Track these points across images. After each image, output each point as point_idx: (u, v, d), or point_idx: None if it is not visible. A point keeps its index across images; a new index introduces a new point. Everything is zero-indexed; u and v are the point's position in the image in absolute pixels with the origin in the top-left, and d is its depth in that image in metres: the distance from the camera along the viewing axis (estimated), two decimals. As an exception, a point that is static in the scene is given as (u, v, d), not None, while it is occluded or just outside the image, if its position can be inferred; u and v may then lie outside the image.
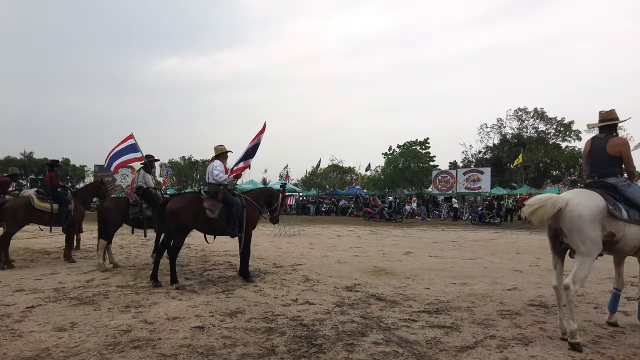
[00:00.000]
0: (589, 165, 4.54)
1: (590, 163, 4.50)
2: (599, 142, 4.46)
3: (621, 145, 4.33)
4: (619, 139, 4.38)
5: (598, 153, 4.41)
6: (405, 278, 7.24)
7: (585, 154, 4.61)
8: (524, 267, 8.53)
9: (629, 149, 4.38)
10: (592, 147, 4.53)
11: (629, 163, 4.35)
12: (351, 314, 4.90)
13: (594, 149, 4.48)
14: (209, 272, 7.66)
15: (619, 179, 4.32)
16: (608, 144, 4.36)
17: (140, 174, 8.09)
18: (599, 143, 4.46)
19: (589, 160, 4.53)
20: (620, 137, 4.44)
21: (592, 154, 4.49)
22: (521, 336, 4.20)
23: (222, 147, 6.95)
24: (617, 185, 4.27)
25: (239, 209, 6.49)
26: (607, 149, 4.35)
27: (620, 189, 4.25)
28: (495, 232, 17.85)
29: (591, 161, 4.49)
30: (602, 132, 4.54)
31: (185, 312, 4.94)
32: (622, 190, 4.24)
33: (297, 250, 10.81)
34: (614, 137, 4.40)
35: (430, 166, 42.95)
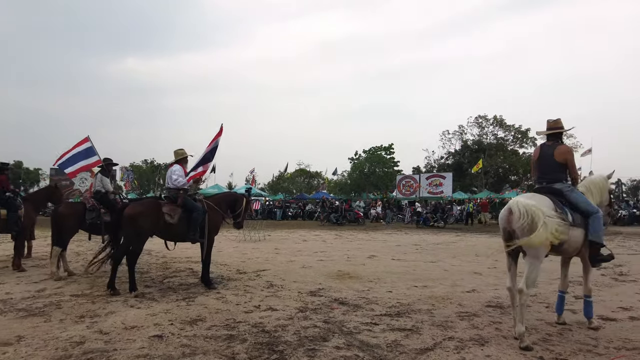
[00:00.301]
0: (538, 171, 4.77)
1: (539, 169, 4.73)
2: (547, 149, 4.70)
3: (566, 153, 4.60)
4: (565, 147, 4.64)
5: (546, 160, 4.65)
6: (369, 281, 7.33)
7: (534, 160, 4.84)
8: (482, 269, 8.82)
9: (573, 157, 4.67)
10: (540, 154, 4.77)
11: (573, 170, 4.62)
12: (314, 319, 4.90)
13: (542, 156, 4.71)
14: (169, 279, 7.46)
15: (564, 185, 4.58)
16: (555, 152, 4.61)
17: (98, 178, 7.79)
18: (547, 150, 4.70)
19: (537, 166, 4.76)
20: (566, 146, 4.70)
21: (540, 160, 4.72)
22: (478, 337, 4.33)
23: (182, 151, 6.82)
24: (563, 190, 4.53)
25: (200, 214, 6.37)
26: (555, 156, 4.60)
27: (566, 194, 4.51)
28: (456, 235, 18.37)
29: (540, 167, 4.72)
30: (550, 140, 4.79)
31: (144, 321, 4.79)
32: (567, 195, 4.50)
33: (262, 255, 10.72)
34: (561, 145, 4.66)
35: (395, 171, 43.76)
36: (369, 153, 44.12)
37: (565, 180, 4.62)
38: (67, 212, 7.39)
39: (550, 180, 4.61)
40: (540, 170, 4.72)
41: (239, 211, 7.08)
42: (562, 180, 4.59)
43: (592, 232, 4.47)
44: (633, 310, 5.48)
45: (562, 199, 4.45)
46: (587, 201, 4.56)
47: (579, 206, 4.45)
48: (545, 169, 4.66)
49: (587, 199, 4.64)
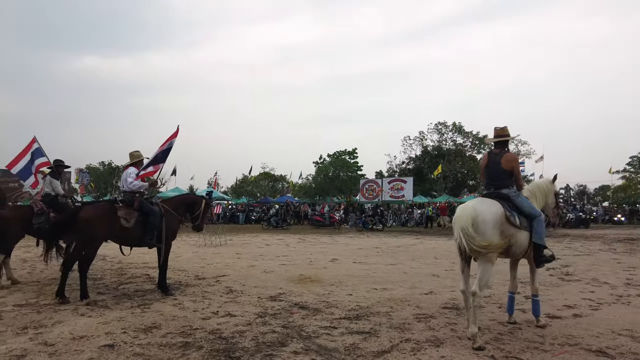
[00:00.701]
0: (486, 178, 4.97)
1: (487, 175, 4.93)
2: (495, 157, 4.91)
3: (513, 161, 4.82)
4: (511, 156, 4.86)
5: (494, 167, 4.85)
6: (330, 285, 7.36)
7: (483, 167, 5.04)
8: (440, 271, 9.06)
9: (518, 165, 4.91)
10: (488, 162, 4.97)
11: (518, 177, 4.85)
12: (273, 324, 4.86)
13: (490, 163, 4.91)
14: (124, 285, 7.19)
15: (510, 190, 4.80)
16: (502, 159, 4.82)
17: (47, 180, 7.39)
18: (494, 158, 4.90)
19: (486, 172, 4.96)
20: (512, 154, 4.91)
21: (488, 167, 4.92)
22: (434, 338, 4.44)
23: (138, 153, 6.61)
24: (510, 195, 4.74)
25: (157, 218, 6.18)
26: (502, 164, 4.81)
27: (512, 199, 4.73)
28: (416, 238, 18.79)
29: (488, 174, 4.92)
30: (497, 147, 5.00)
31: (94, 330, 4.58)
32: (514, 200, 4.72)
33: (223, 260, 10.53)
34: (507, 153, 4.87)
35: (358, 175, 44.35)
36: (333, 157, 44.52)
37: (512, 186, 4.83)
38: (12, 215, 6.96)
39: (497, 186, 4.81)
40: (489, 176, 4.91)
41: (197, 213, 6.92)
42: (508, 186, 4.80)
43: (536, 234, 4.71)
44: (577, 308, 5.79)
45: (510, 203, 4.66)
46: (531, 205, 4.80)
47: (523, 210, 4.68)
48: (493, 176, 4.86)
49: (531, 203, 4.88)
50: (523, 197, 4.85)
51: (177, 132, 6.37)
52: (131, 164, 6.42)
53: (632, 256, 11.94)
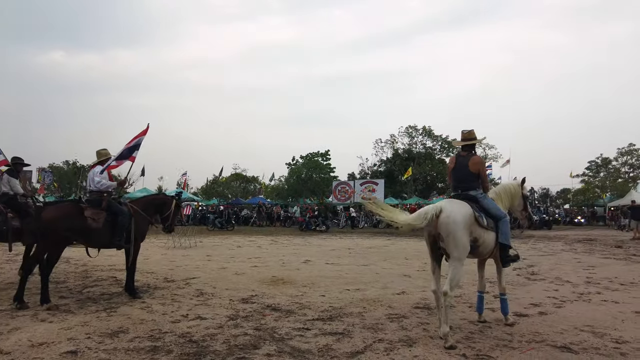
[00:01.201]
0: (454, 180, 5.06)
1: (455, 178, 5.03)
2: (462, 159, 5.00)
3: (479, 164, 4.93)
4: (478, 158, 4.96)
5: (461, 169, 4.95)
6: (303, 286, 7.31)
7: (451, 169, 5.14)
8: (412, 271, 9.18)
9: (485, 168, 5.03)
10: (456, 164, 5.06)
11: (485, 180, 4.98)
12: (245, 327, 4.77)
13: (458, 165, 5.01)
14: (89, 288, 6.91)
15: (477, 192, 4.91)
16: (470, 162, 4.92)
17: (4, 179, 6.99)
18: (462, 160, 5.00)
19: (453, 175, 5.05)
20: (478, 157, 5.01)
21: (456, 169, 5.01)
22: (406, 338, 4.47)
23: (106, 151, 6.37)
24: (477, 197, 4.85)
25: (126, 218, 5.97)
26: (469, 167, 4.91)
27: (480, 200, 4.83)
28: (387, 239, 19.00)
29: (456, 176, 5.01)
30: (465, 150, 5.11)
31: (56, 336, 4.36)
32: (480, 202, 4.83)
33: (193, 263, 10.30)
34: (474, 156, 4.97)
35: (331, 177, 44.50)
36: (306, 159, 44.50)
37: (478, 188, 4.94)
38: (-34, 217, 6.55)
39: (465, 188, 4.91)
40: (456, 178, 5.00)
41: (167, 214, 6.74)
42: (475, 188, 4.91)
43: (502, 235, 4.84)
44: (542, 306, 5.98)
45: (477, 204, 4.76)
46: (497, 207, 4.93)
47: (490, 211, 4.80)
48: (461, 178, 4.95)
49: (497, 204, 5.01)
50: (489, 198, 4.97)
51: (146, 130, 6.18)
52: (98, 163, 6.18)
53: (591, 256, 12.48)
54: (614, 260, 11.48)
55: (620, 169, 43.18)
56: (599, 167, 44.86)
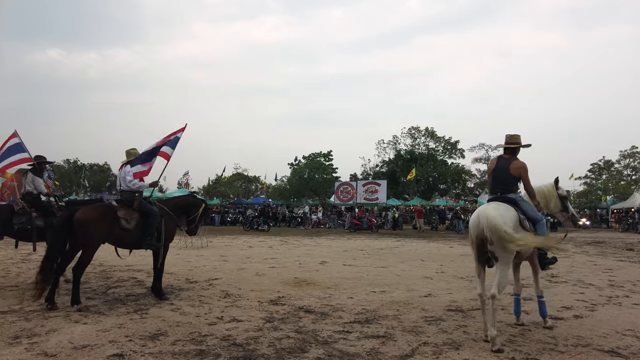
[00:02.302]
0: (493, 181, 5.00)
1: (495, 179, 4.97)
2: (504, 162, 4.95)
3: (521, 168, 4.85)
4: (520, 163, 4.89)
5: (502, 172, 4.90)
6: (327, 288, 7.25)
7: (490, 170, 5.08)
8: (431, 274, 9.13)
9: (527, 173, 4.92)
10: (497, 166, 5.00)
11: (528, 184, 4.90)
12: (284, 329, 4.71)
13: (498, 167, 4.96)
14: (113, 289, 6.83)
15: (517, 195, 4.87)
16: (511, 165, 4.87)
17: (29, 178, 6.91)
18: (503, 163, 4.94)
19: (493, 176, 5.00)
20: (521, 161, 4.93)
21: (496, 171, 4.96)
22: (450, 341, 4.42)
23: (135, 150, 6.30)
24: (516, 199, 4.81)
25: (157, 218, 5.90)
26: (510, 169, 4.86)
27: (518, 203, 4.79)
28: (396, 240, 18.96)
29: (496, 177, 4.95)
30: (507, 153, 5.05)
31: (96, 338, 4.29)
32: (520, 204, 4.77)
33: (209, 263, 10.23)
34: (517, 160, 4.92)
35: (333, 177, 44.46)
36: (308, 159, 44.45)
37: (517, 191, 4.90)
38: (-10, 216, 6.47)
39: (504, 190, 4.86)
40: (496, 180, 4.95)
41: (194, 217, 6.67)
42: (514, 191, 4.87)
43: None
44: (574, 309, 5.94)
45: (517, 207, 4.71)
46: (534, 209, 4.88)
47: (528, 214, 4.75)
48: (501, 180, 4.90)
49: (534, 207, 4.96)
50: (526, 201, 4.92)
51: (184, 128, 6.10)
52: (128, 162, 6.10)
53: (605, 259, 12.46)
54: (629, 263, 11.48)
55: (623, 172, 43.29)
56: (602, 170, 44.99)
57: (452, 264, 10.85)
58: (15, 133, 7.01)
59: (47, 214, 6.96)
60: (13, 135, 7.01)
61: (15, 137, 7.00)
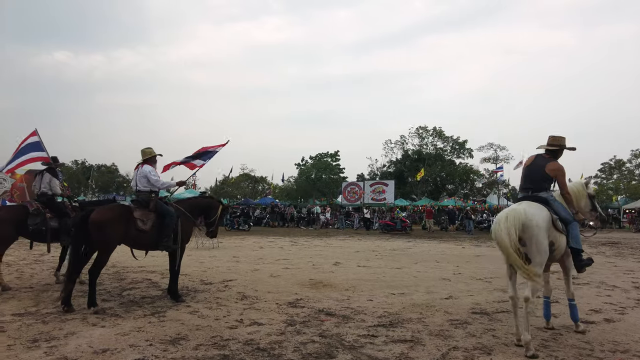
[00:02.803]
0: (526, 178, 4.82)
1: (527, 177, 4.80)
2: (540, 160, 4.77)
3: (557, 170, 4.67)
4: (558, 165, 4.71)
5: (536, 170, 4.72)
6: (345, 290, 7.10)
7: (525, 166, 4.90)
8: (448, 275, 8.95)
9: (564, 177, 4.72)
10: (533, 162, 4.83)
11: (564, 188, 4.70)
12: (308, 333, 4.57)
13: (533, 165, 4.78)
14: (128, 291, 6.72)
15: (548, 194, 4.69)
16: (547, 165, 4.69)
17: (46, 178, 6.83)
18: (540, 161, 4.77)
19: (527, 173, 4.82)
20: (559, 164, 4.74)
21: (530, 168, 4.79)
22: (481, 345, 4.26)
23: (151, 150, 6.20)
24: (548, 199, 4.63)
25: (173, 219, 5.78)
26: (546, 169, 4.67)
27: (550, 202, 4.61)
28: (407, 241, 18.75)
29: (529, 174, 4.78)
30: (547, 154, 4.86)
31: (115, 342, 4.18)
32: (552, 204, 4.59)
33: (222, 264, 10.11)
34: (555, 162, 4.73)
35: (340, 178, 44.26)
36: (315, 159, 44.31)
37: (549, 190, 4.71)
38: (5, 217, 6.38)
39: (535, 189, 4.69)
40: (528, 178, 4.78)
41: (213, 219, 6.55)
42: (546, 189, 4.69)
43: (572, 239, 4.61)
44: (603, 312, 5.75)
45: (549, 207, 4.54)
46: (566, 210, 4.70)
47: (560, 214, 4.57)
48: (534, 178, 4.72)
49: (566, 207, 4.78)
50: (558, 201, 4.74)
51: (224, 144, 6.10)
52: (145, 161, 6.00)
53: (624, 260, 12.20)
54: (649, 264, 11.21)
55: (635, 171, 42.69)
56: (612, 169, 44.41)
57: (467, 265, 10.66)
58: (35, 131, 6.93)
59: (62, 214, 6.88)
60: (33, 133, 6.94)
61: (35, 135, 6.92)
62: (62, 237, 6.88)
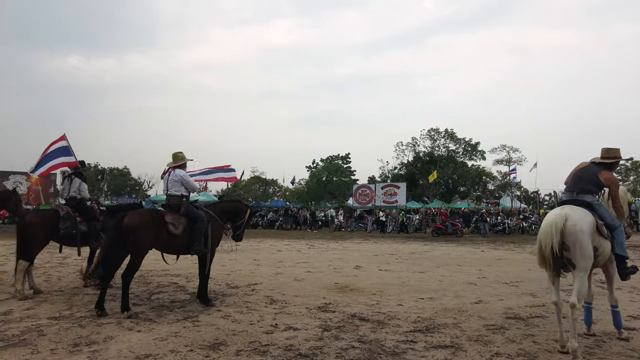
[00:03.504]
0: (574, 179, 4.71)
1: (576, 177, 4.68)
2: (597, 167, 4.65)
3: (611, 181, 4.57)
4: (612, 176, 4.61)
5: (589, 172, 4.61)
6: (372, 294, 7.05)
7: (577, 168, 4.79)
8: (473, 279, 8.84)
9: (618, 188, 4.62)
10: (587, 167, 4.71)
11: (618, 201, 4.59)
12: (346, 339, 4.53)
13: (588, 168, 4.68)
14: (156, 295, 6.74)
15: (594, 198, 4.57)
16: (603, 173, 4.58)
17: (75, 183, 6.88)
18: (595, 168, 4.65)
19: (577, 173, 4.71)
20: (613, 175, 4.65)
21: (584, 170, 4.68)
22: (523, 352, 4.18)
23: (182, 154, 6.23)
24: (593, 203, 4.52)
25: (204, 223, 5.79)
26: (600, 176, 4.56)
27: (595, 207, 4.50)
28: (424, 244, 18.61)
29: (581, 176, 4.66)
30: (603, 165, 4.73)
31: (155, 348, 4.17)
32: (596, 209, 4.49)
33: (244, 267, 10.11)
34: (609, 172, 4.64)
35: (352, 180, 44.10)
36: (326, 162, 44.23)
37: (595, 195, 4.61)
38: (38, 220, 6.44)
39: (581, 190, 4.57)
40: (577, 178, 4.66)
41: (240, 222, 6.56)
42: (593, 193, 4.57)
43: (618, 245, 4.50)
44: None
45: (594, 212, 4.43)
46: (611, 216, 4.58)
47: (605, 220, 4.46)
48: (583, 179, 4.61)
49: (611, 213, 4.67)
50: (603, 206, 4.63)
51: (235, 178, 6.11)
52: (177, 166, 6.02)
53: (650, 263, 11.95)
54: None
55: (652, 172, 42.08)
56: (629, 171, 43.79)
57: (490, 268, 10.53)
58: (63, 136, 7.00)
59: (91, 218, 6.93)
60: (62, 137, 7.01)
61: (64, 139, 6.99)
62: (91, 241, 6.93)
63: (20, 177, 36.26)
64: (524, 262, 11.87)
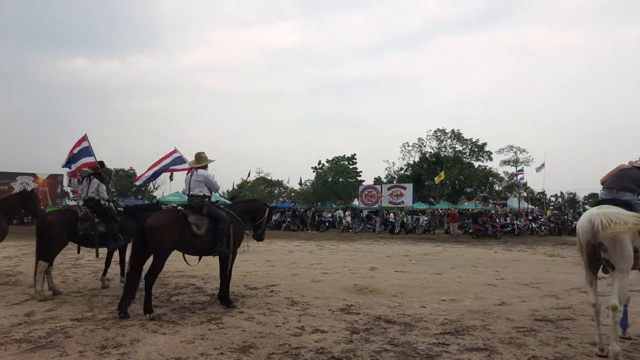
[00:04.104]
0: (617, 177, 4.61)
1: (620, 175, 4.59)
2: (637, 170, 4.57)
3: None
4: None
5: (632, 172, 4.53)
6: (393, 296, 6.96)
7: (618, 168, 4.69)
8: (491, 280, 8.73)
9: None
10: (631, 168, 4.64)
11: None
12: (377, 341, 4.45)
13: (630, 169, 4.60)
14: (176, 297, 6.68)
15: (633, 197, 4.47)
16: None
17: (94, 184, 6.84)
18: (637, 170, 4.57)
19: (619, 172, 4.62)
20: None
21: (625, 170, 4.59)
22: (560, 356, 4.09)
23: (206, 155, 6.19)
24: (632, 202, 4.42)
25: (226, 224, 5.72)
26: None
27: (634, 206, 4.40)
28: (435, 245, 18.49)
29: (622, 174, 4.57)
30: None
31: (184, 351, 4.10)
32: (636, 208, 4.38)
33: (259, 268, 10.04)
34: None
35: (357, 181, 44.00)
36: (332, 163, 44.17)
37: (635, 194, 4.51)
38: (57, 221, 6.40)
39: (622, 188, 4.47)
40: (619, 177, 4.57)
41: (260, 222, 6.50)
42: (633, 192, 4.48)
43: None
44: (673, 321, 5.50)
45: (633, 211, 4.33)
46: None
47: None
48: (625, 177, 4.51)
49: None
50: None
51: None
52: (200, 166, 5.97)
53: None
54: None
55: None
56: (637, 171, 43.43)
57: (506, 269, 10.41)
58: (85, 137, 6.98)
59: (109, 219, 6.88)
60: (83, 138, 6.99)
61: (85, 140, 6.96)
62: (109, 242, 6.89)
63: (28, 178, 36.46)
64: (539, 264, 11.75)
